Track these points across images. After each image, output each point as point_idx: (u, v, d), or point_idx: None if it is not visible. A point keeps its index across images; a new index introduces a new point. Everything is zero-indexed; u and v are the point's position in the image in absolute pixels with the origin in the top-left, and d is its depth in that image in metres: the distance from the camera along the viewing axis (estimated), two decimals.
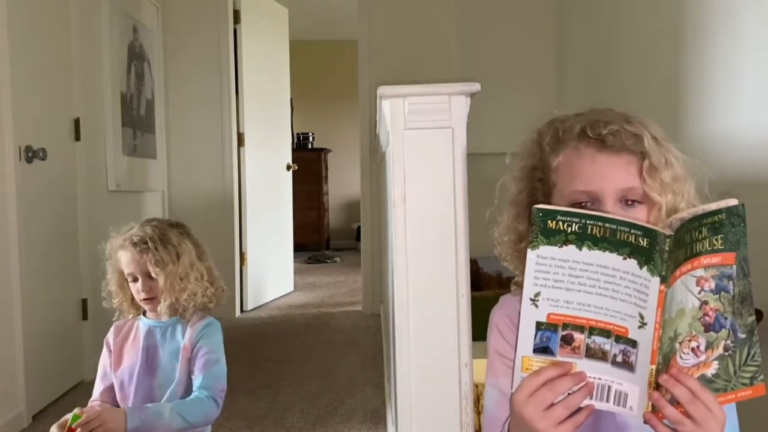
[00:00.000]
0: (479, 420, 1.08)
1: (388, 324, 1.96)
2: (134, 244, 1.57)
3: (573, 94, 3.40)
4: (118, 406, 1.63)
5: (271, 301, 4.90)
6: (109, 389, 1.65)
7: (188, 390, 1.60)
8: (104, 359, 1.67)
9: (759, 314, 1.49)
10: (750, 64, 1.77)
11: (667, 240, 0.78)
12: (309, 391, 2.89)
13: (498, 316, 1.00)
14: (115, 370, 1.64)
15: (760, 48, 1.71)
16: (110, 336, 1.68)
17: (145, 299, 1.60)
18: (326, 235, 7.59)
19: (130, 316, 1.67)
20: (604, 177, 0.86)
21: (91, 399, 1.67)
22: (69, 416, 1.46)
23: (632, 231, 0.77)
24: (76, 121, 3.05)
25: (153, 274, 1.56)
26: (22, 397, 2.51)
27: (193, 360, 1.60)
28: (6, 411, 2.42)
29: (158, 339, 1.62)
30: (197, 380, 1.57)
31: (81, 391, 2.91)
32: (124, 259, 1.59)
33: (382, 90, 1.18)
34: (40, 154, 2.62)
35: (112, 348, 1.66)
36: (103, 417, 1.45)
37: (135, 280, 1.60)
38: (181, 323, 1.63)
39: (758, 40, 1.73)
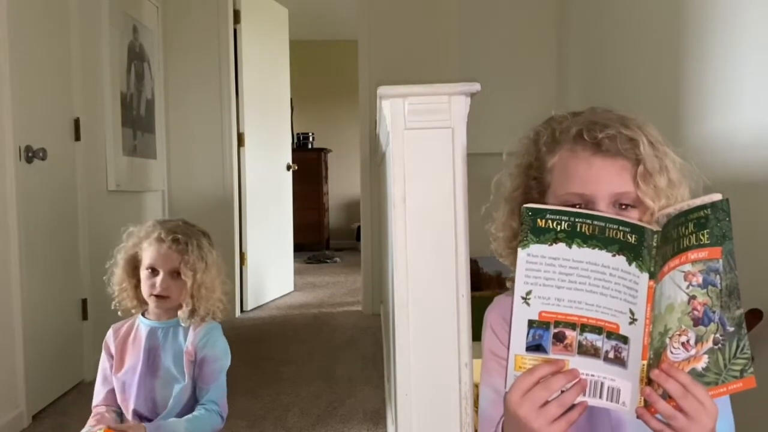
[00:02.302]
0: (478, 421, 1.08)
1: (388, 324, 1.96)
2: (175, 241, 1.55)
3: (573, 94, 3.40)
4: (119, 408, 1.63)
5: (271, 301, 4.90)
6: (111, 392, 1.64)
7: (193, 394, 1.60)
8: (104, 362, 1.66)
9: (759, 314, 1.49)
10: (750, 64, 1.77)
11: (655, 236, 0.79)
12: (309, 391, 2.89)
13: (492, 316, 1.00)
14: (116, 372, 1.63)
15: (760, 48, 1.71)
16: (109, 339, 1.66)
17: (157, 295, 1.57)
18: (326, 235, 7.59)
19: (133, 310, 1.65)
20: (598, 181, 0.87)
21: (93, 404, 1.66)
22: None
23: (620, 228, 0.78)
24: (76, 121, 3.05)
25: (182, 275, 1.55)
26: (22, 397, 2.51)
27: (198, 367, 1.59)
28: (6, 411, 2.42)
29: (160, 340, 1.61)
30: (207, 393, 1.58)
31: (81, 391, 2.91)
32: (153, 250, 1.56)
33: (382, 90, 1.18)
34: (40, 154, 2.62)
35: (112, 351, 1.65)
36: None
37: (155, 274, 1.57)
38: (182, 325, 1.62)
39: (758, 40, 1.73)
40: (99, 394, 1.65)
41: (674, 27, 2.22)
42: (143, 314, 1.65)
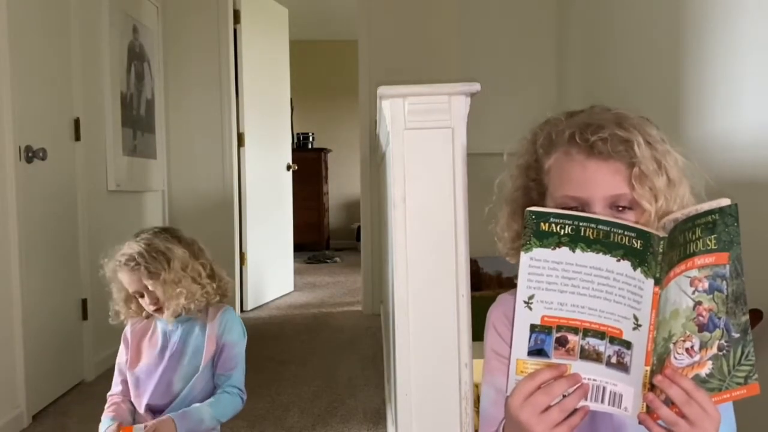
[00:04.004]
0: (479, 420, 1.08)
1: (388, 324, 1.96)
2: (125, 264, 1.59)
3: (573, 95, 3.40)
4: (130, 400, 1.66)
5: (271, 301, 4.90)
6: (126, 383, 1.68)
7: (208, 382, 1.63)
8: (121, 355, 1.70)
9: (759, 314, 1.49)
10: (750, 64, 1.77)
11: (661, 242, 0.78)
12: (309, 391, 2.89)
13: (495, 315, 1.00)
14: (131, 367, 1.66)
15: (760, 48, 1.71)
16: (127, 332, 1.71)
17: (154, 311, 1.63)
18: (326, 235, 7.59)
19: (143, 315, 1.69)
20: (593, 184, 0.86)
21: (109, 393, 1.70)
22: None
23: (626, 233, 0.77)
24: (76, 121, 3.05)
25: (150, 287, 1.58)
26: (22, 397, 2.51)
27: (219, 352, 1.64)
28: (6, 411, 2.42)
29: (179, 336, 1.65)
30: (227, 377, 1.63)
31: (81, 391, 2.91)
32: (124, 279, 1.62)
33: (382, 90, 1.18)
34: (40, 154, 2.62)
35: (129, 344, 1.69)
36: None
37: (141, 296, 1.62)
38: (197, 318, 1.65)
39: (758, 40, 1.73)
40: (116, 384, 1.70)
41: (674, 27, 2.22)
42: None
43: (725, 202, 0.77)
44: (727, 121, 1.89)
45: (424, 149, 1.17)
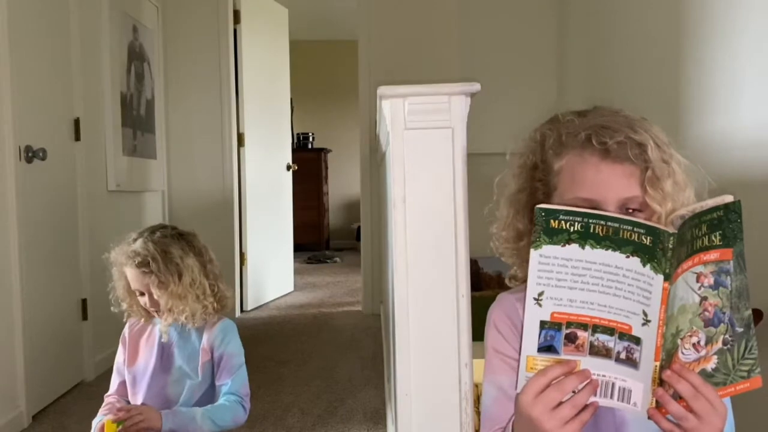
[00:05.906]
0: (479, 420, 1.08)
1: (388, 324, 1.96)
2: (137, 266, 1.57)
3: (573, 94, 3.40)
4: (128, 401, 1.66)
5: (271, 301, 4.90)
6: (123, 384, 1.68)
7: (207, 391, 1.63)
8: (119, 355, 1.70)
9: (759, 314, 1.49)
10: (750, 64, 1.77)
11: (671, 238, 0.78)
12: (309, 391, 2.89)
13: (496, 314, 1.00)
14: (129, 365, 1.66)
15: (760, 48, 1.71)
16: (126, 332, 1.71)
17: (152, 310, 1.62)
18: (326, 235, 7.59)
19: (142, 320, 1.68)
20: (607, 186, 0.86)
21: (107, 393, 1.70)
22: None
23: (635, 229, 0.77)
24: (76, 121, 3.05)
25: (155, 296, 1.57)
26: (22, 397, 2.51)
27: (217, 364, 1.62)
28: (6, 411, 2.42)
29: (174, 338, 1.64)
30: (225, 386, 1.61)
31: (81, 391, 2.91)
32: (130, 274, 1.60)
33: (381, 90, 1.18)
34: (40, 154, 2.62)
35: (127, 344, 1.69)
36: (144, 413, 1.50)
37: (142, 294, 1.61)
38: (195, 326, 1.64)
39: (758, 41, 1.73)
40: (113, 385, 1.70)
41: (674, 26, 2.22)
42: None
43: (729, 198, 0.78)
44: (727, 121, 1.89)
45: (424, 149, 1.17)
